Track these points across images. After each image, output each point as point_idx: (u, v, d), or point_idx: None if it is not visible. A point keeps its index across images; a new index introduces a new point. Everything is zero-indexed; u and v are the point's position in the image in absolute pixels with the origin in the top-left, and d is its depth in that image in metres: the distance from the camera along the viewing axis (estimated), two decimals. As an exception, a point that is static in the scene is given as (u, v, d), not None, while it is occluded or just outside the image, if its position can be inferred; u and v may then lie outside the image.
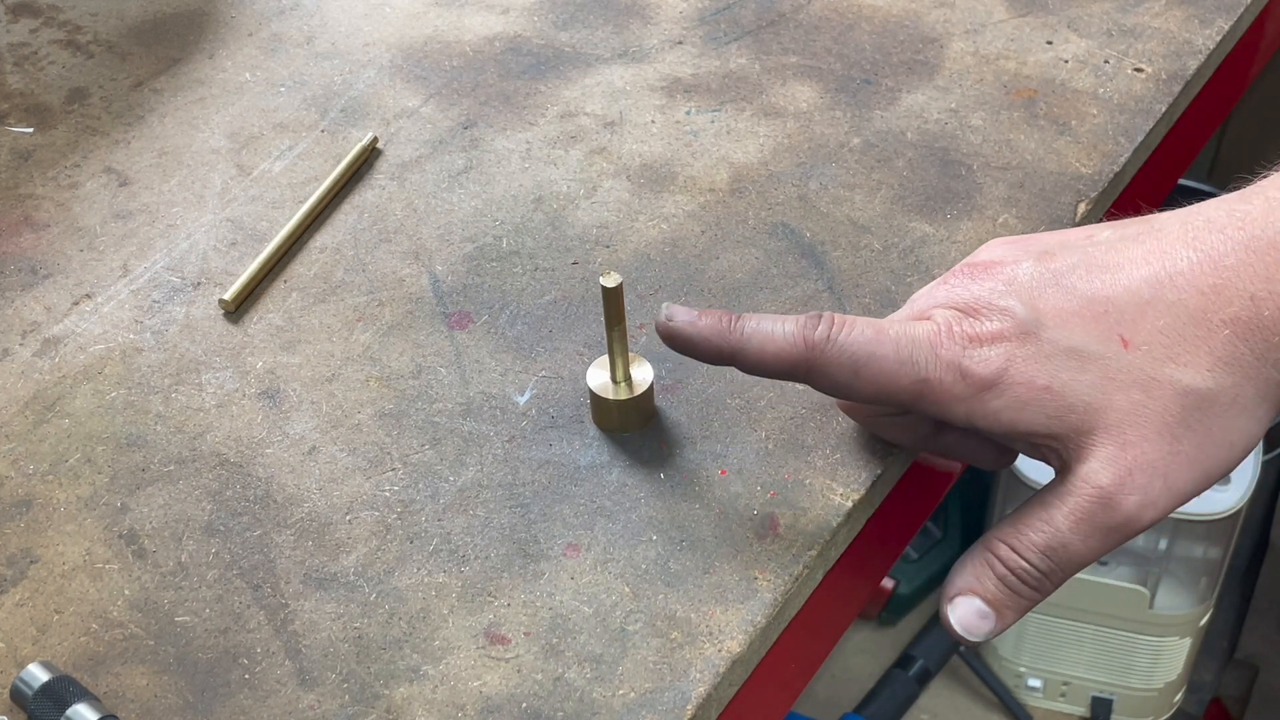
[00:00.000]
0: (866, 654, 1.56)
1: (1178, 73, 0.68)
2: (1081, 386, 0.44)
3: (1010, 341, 0.45)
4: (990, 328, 0.45)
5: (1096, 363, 0.44)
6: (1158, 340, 0.44)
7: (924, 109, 0.67)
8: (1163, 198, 0.79)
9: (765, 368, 0.47)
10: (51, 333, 0.60)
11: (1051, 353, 0.44)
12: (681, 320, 0.48)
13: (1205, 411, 0.44)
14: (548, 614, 0.48)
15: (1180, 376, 0.43)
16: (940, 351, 0.45)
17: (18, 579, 0.50)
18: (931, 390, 0.45)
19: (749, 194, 0.64)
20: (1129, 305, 0.44)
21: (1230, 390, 0.44)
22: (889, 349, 0.46)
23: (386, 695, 0.46)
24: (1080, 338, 0.44)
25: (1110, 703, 1.48)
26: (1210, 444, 0.44)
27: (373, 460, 0.53)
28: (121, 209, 0.66)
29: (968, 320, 0.46)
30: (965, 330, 0.45)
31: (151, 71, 0.75)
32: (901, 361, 0.45)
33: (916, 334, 0.46)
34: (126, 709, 0.46)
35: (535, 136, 0.68)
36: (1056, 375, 0.44)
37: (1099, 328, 0.44)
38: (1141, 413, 0.44)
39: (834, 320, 0.47)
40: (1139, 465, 0.44)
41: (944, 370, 0.45)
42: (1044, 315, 0.45)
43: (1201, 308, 0.43)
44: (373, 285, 0.61)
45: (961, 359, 0.45)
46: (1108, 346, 0.44)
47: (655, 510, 0.51)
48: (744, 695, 0.48)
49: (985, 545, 0.47)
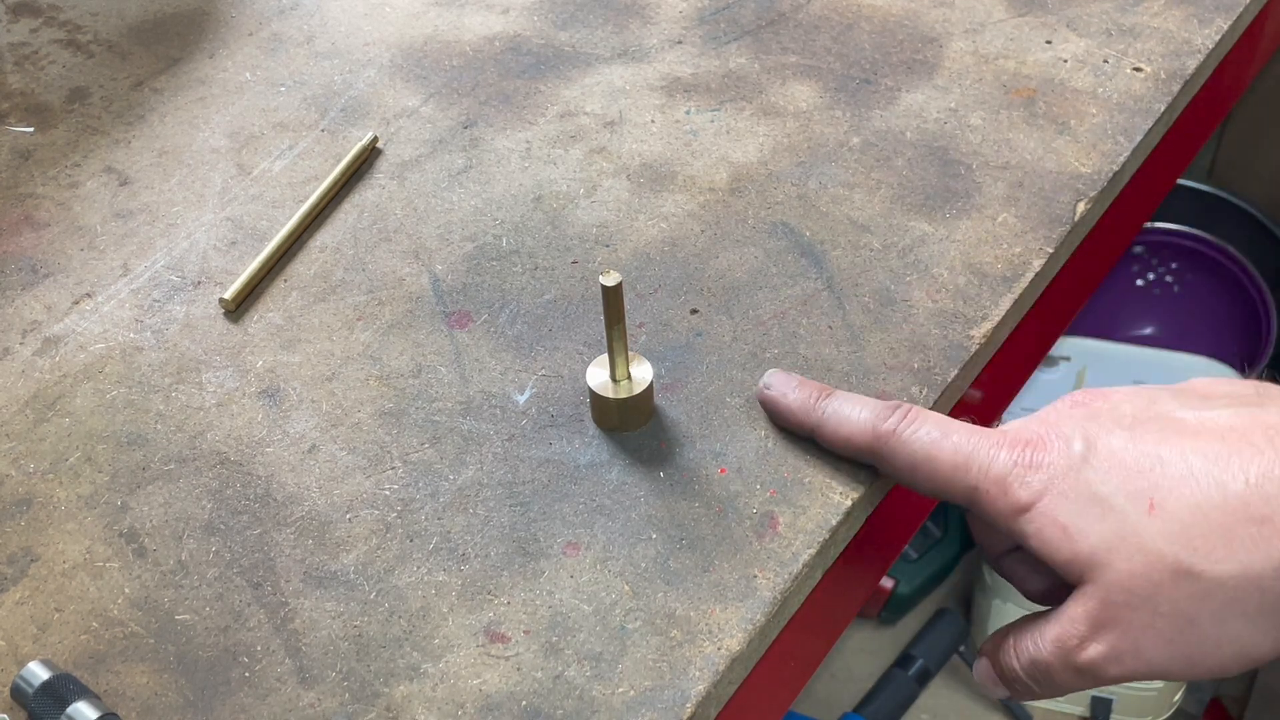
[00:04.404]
0: (866, 654, 1.56)
1: (1177, 72, 0.68)
2: (1094, 536, 0.44)
3: (1054, 472, 0.45)
4: (1044, 456, 0.46)
5: (1116, 517, 0.44)
6: (1182, 515, 0.43)
7: (923, 108, 0.67)
8: (1162, 197, 0.79)
9: (839, 448, 0.51)
10: (52, 332, 0.60)
11: (1081, 494, 0.45)
12: (776, 390, 0.52)
13: (1199, 600, 0.43)
14: (547, 612, 0.48)
15: (1186, 558, 0.43)
16: (993, 466, 0.46)
17: (18, 577, 0.50)
18: (980, 499, 0.47)
19: (748, 193, 0.64)
20: (1175, 472, 0.44)
21: (1233, 588, 0.42)
22: (947, 454, 0.47)
23: (386, 693, 0.46)
24: (1113, 487, 0.44)
25: (1110, 703, 1.48)
26: (1194, 633, 0.43)
27: (373, 459, 0.53)
28: (122, 208, 0.66)
29: (1032, 445, 0.46)
30: (1024, 454, 0.46)
31: (152, 71, 0.75)
32: (956, 467, 0.47)
33: (978, 445, 0.47)
34: (127, 707, 0.46)
35: (535, 136, 0.68)
36: (1076, 518, 0.45)
37: (1136, 483, 0.44)
38: (1134, 581, 0.43)
39: (906, 414, 0.49)
40: (1113, 627, 0.44)
41: (992, 484, 0.46)
42: (1096, 455, 0.45)
43: (1240, 498, 0.42)
44: (373, 284, 0.61)
45: (1009, 477, 0.46)
46: (1134, 504, 0.44)
47: (655, 509, 0.51)
48: (743, 694, 0.48)
49: (1010, 630, 0.49)
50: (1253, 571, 0.42)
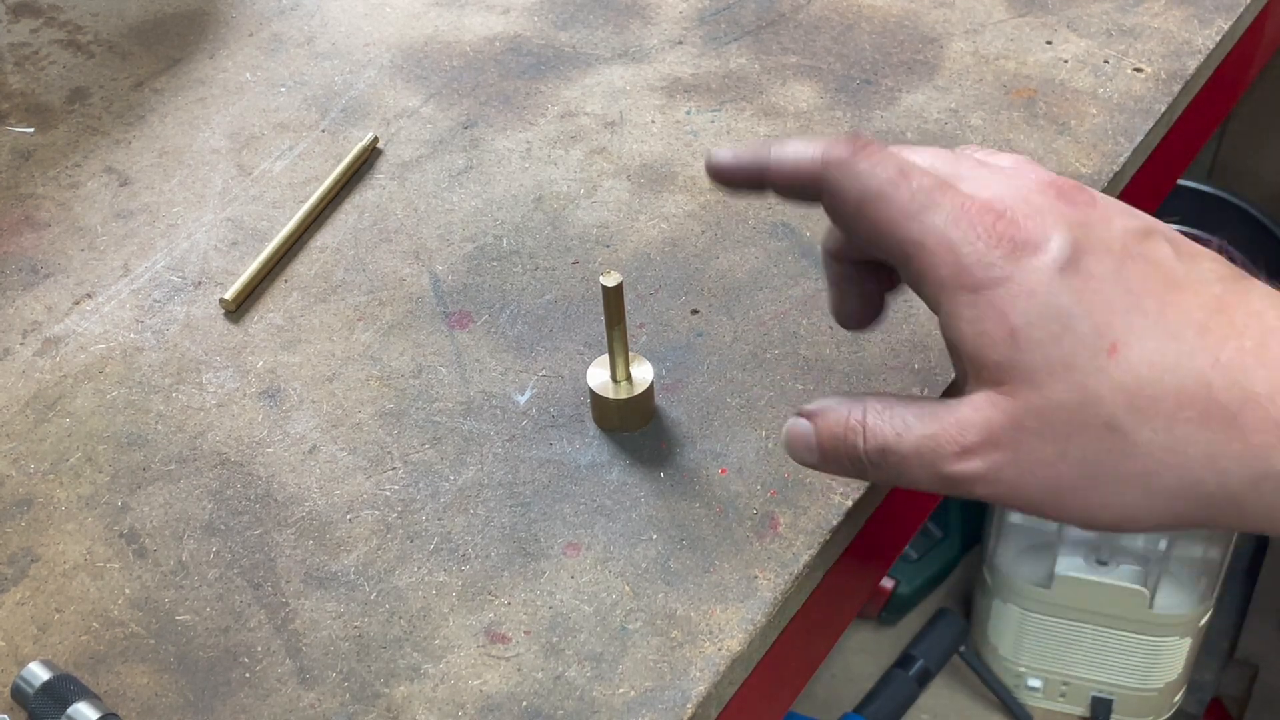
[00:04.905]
0: (866, 654, 1.56)
1: (1177, 73, 0.68)
2: (1039, 354, 0.39)
3: (1027, 262, 0.39)
4: (1023, 237, 0.39)
5: (1072, 342, 0.39)
6: (1140, 370, 0.38)
7: (924, 109, 0.68)
8: (1163, 198, 0.79)
9: (786, 185, 0.44)
10: (52, 332, 0.60)
11: (1048, 302, 0.39)
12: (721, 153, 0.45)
13: (1115, 461, 0.39)
14: (548, 613, 0.48)
15: (1123, 416, 0.38)
16: (954, 226, 0.40)
17: (18, 578, 0.50)
18: (922, 256, 0.40)
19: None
20: (1150, 323, 0.39)
21: (1155, 462, 0.38)
22: (903, 195, 0.41)
23: (387, 694, 0.46)
24: (1084, 310, 0.39)
25: (1110, 703, 1.48)
26: (1088, 487, 0.39)
27: (373, 459, 0.53)
28: (122, 209, 0.66)
29: (1008, 219, 0.40)
30: (997, 225, 0.40)
31: (152, 71, 0.75)
32: (908, 215, 0.40)
33: (943, 198, 0.40)
34: (127, 707, 0.46)
35: (535, 136, 0.68)
36: (1030, 327, 0.39)
37: (1106, 318, 0.39)
38: (1058, 414, 0.39)
39: (862, 145, 0.42)
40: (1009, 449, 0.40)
41: (945, 245, 0.40)
42: (1079, 268, 0.39)
43: (1203, 375, 0.38)
44: (373, 285, 0.61)
45: (971, 245, 0.40)
46: (1097, 338, 0.39)
47: (655, 509, 0.51)
48: (744, 694, 0.48)
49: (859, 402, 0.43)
50: (1183, 453, 0.38)
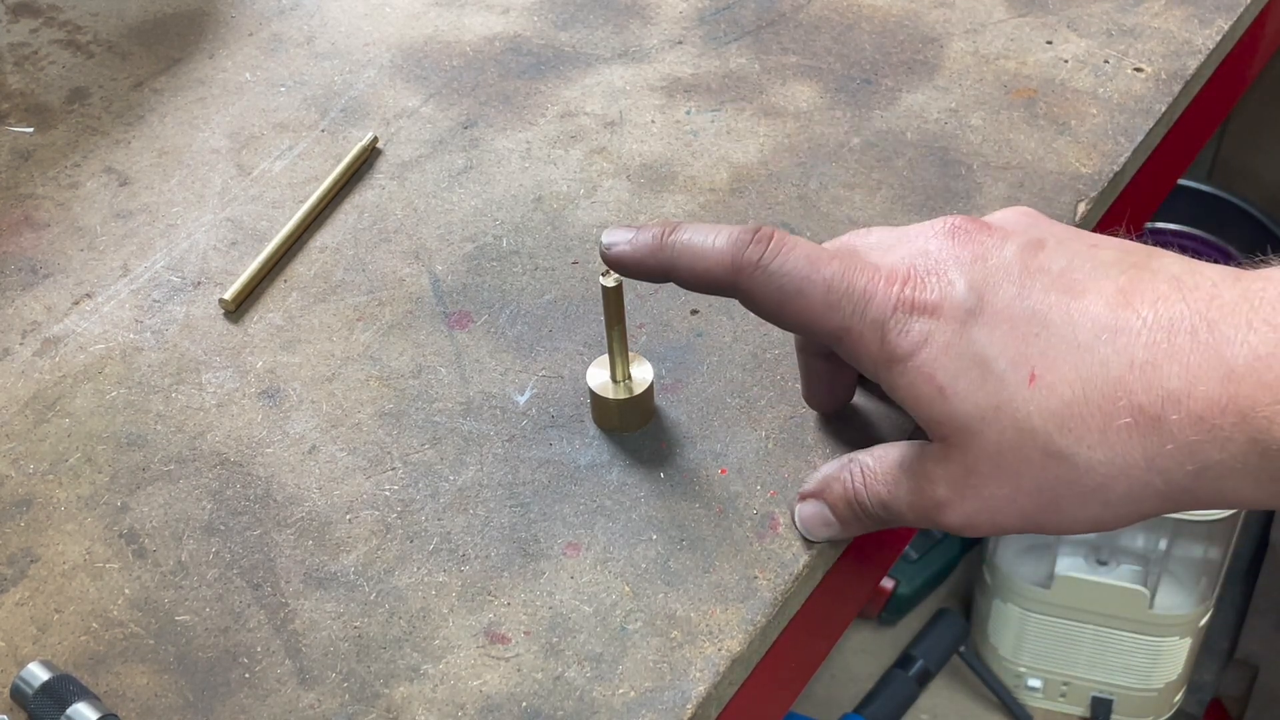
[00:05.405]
0: (866, 654, 1.56)
1: (1177, 72, 0.68)
2: (969, 402, 0.42)
3: (937, 321, 0.42)
4: (927, 298, 0.43)
5: (995, 384, 0.41)
6: (1062, 391, 0.41)
7: (924, 109, 0.67)
8: (1162, 198, 0.79)
9: (698, 285, 0.46)
10: (52, 332, 0.60)
11: (964, 352, 0.42)
12: (618, 245, 0.46)
13: (1066, 484, 0.41)
14: (548, 613, 0.48)
15: (1059, 440, 0.41)
16: (870, 307, 0.43)
17: (18, 578, 0.50)
18: (850, 340, 0.44)
19: (749, 194, 0.64)
20: (1061, 341, 0.41)
21: (1102, 475, 0.41)
22: (819, 290, 0.44)
23: (386, 694, 0.46)
24: (997, 349, 0.42)
25: (1110, 703, 1.48)
26: (1052, 510, 0.42)
27: (373, 460, 0.53)
28: (122, 209, 0.66)
29: (912, 283, 0.43)
30: (904, 294, 0.43)
31: (151, 71, 0.75)
32: (829, 306, 0.43)
33: (853, 281, 0.43)
34: (127, 708, 0.46)
35: (535, 136, 0.68)
36: (955, 380, 0.42)
37: (1020, 349, 0.41)
38: (1002, 456, 0.42)
39: (770, 240, 0.44)
40: (973, 496, 0.43)
41: (867, 326, 0.43)
42: (984, 308, 0.42)
43: (1121, 382, 0.40)
44: (373, 285, 0.61)
45: (887, 322, 0.43)
46: (1015, 372, 0.41)
47: (655, 509, 0.51)
48: (744, 694, 0.48)
49: (848, 465, 0.47)
50: (1124, 463, 0.40)
